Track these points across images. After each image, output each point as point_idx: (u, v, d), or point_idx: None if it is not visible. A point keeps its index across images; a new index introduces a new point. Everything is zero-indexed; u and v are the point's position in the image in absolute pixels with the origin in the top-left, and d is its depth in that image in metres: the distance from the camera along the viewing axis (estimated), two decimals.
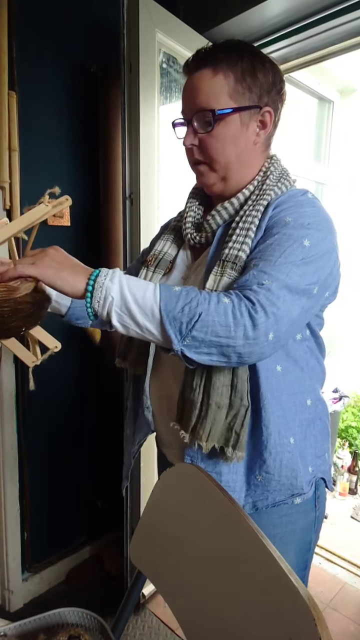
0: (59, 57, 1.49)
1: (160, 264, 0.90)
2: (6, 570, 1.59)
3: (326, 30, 1.49)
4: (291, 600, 0.56)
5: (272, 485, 0.80)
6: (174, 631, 1.54)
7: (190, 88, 0.79)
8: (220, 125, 0.77)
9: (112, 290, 0.64)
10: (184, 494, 0.79)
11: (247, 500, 0.81)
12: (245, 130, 0.79)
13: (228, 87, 0.76)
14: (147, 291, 0.66)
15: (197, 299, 0.65)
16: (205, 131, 0.78)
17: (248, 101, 0.78)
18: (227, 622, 0.67)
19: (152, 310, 0.65)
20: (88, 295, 0.65)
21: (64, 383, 1.67)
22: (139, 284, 0.67)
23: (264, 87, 0.79)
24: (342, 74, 2.61)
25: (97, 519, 1.86)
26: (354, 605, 1.70)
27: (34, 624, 0.84)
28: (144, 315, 0.65)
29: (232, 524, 0.68)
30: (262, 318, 0.65)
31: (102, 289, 0.65)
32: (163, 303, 0.65)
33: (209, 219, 0.84)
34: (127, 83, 1.35)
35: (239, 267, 0.74)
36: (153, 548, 0.85)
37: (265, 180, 0.81)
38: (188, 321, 0.64)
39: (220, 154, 0.79)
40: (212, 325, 0.64)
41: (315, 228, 0.73)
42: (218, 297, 0.66)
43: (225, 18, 1.55)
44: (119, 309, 0.65)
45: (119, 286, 0.65)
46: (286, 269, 0.68)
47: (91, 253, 1.67)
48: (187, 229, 0.88)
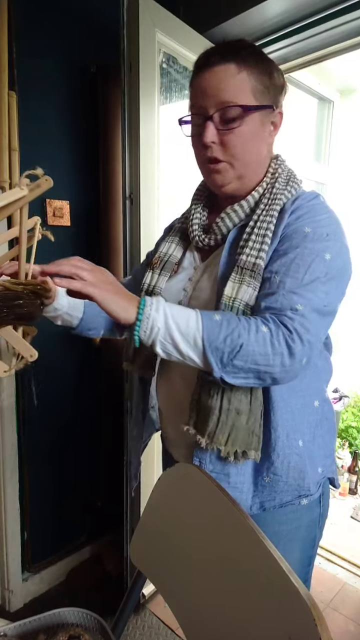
0: (59, 57, 1.49)
1: (166, 266, 0.90)
2: (6, 570, 1.59)
3: (326, 30, 1.49)
4: (291, 600, 0.56)
5: (279, 486, 0.81)
6: (174, 631, 1.54)
7: (212, 82, 0.75)
8: (245, 122, 0.76)
9: (158, 321, 0.67)
10: (184, 494, 0.79)
11: (255, 501, 0.82)
12: (262, 130, 0.79)
13: (251, 85, 0.75)
14: (189, 320, 0.68)
15: (238, 329, 0.67)
16: (228, 128, 0.76)
17: (267, 101, 0.78)
18: (227, 621, 0.67)
19: (194, 340, 0.67)
20: (137, 324, 0.67)
21: (64, 383, 1.67)
22: (181, 313, 0.69)
23: (277, 88, 0.80)
24: (342, 74, 2.61)
25: (97, 519, 1.86)
26: (354, 605, 1.70)
27: (34, 624, 0.84)
28: (186, 344, 0.68)
29: (232, 523, 0.68)
30: (299, 347, 0.68)
31: (148, 320, 0.67)
32: (206, 333, 0.67)
33: (219, 222, 0.83)
34: (127, 83, 1.35)
35: (257, 274, 0.74)
36: (153, 548, 0.85)
37: (275, 184, 0.81)
38: (230, 351, 0.67)
39: (242, 152, 0.78)
40: (252, 354, 0.67)
41: (334, 239, 0.75)
42: (257, 326, 0.68)
43: (225, 18, 1.55)
44: (164, 339, 0.68)
45: (163, 317, 0.67)
46: (313, 288, 0.70)
47: (91, 253, 1.67)
48: (194, 231, 0.88)
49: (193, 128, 0.81)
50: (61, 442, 1.70)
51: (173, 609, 0.78)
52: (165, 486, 0.83)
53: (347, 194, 2.81)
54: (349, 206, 2.79)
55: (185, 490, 0.78)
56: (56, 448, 1.69)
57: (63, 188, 1.56)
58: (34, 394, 1.50)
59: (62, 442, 1.70)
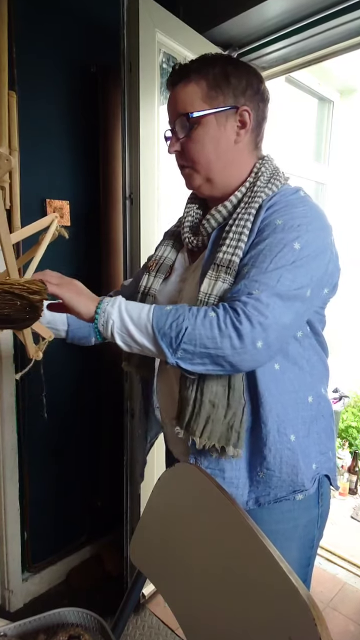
0: (59, 57, 1.49)
1: (161, 268, 0.94)
2: (6, 570, 1.59)
3: (326, 30, 1.49)
4: (291, 600, 0.56)
5: (273, 481, 0.82)
6: (174, 631, 1.54)
7: (171, 99, 0.85)
8: (197, 128, 0.81)
9: (112, 314, 0.74)
10: (184, 494, 0.79)
11: (250, 496, 0.83)
12: (224, 130, 0.82)
13: (201, 93, 0.81)
14: (142, 312, 0.74)
15: (184, 314, 0.71)
16: (184, 135, 0.82)
17: (223, 103, 0.81)
18: (227, 621, 0.67)
19: (146, 328, 0.73)
20: (96, 319, 0.75)
21: (64, 383, 1.67)
22: (136, 306, 0.75)
23: (238, 88, 0.82)
24: (342, 74, 2.61)
25: (97, 519, 1.86)
26: (354, 605, 1.70)
27: (34, 624, 0.84)
28: (140, 334, 0.73)
29: (231, 523, 0.68)
30: (247, 328, 0.69)
31: (104, 313, 0.74)
32: (155, 321, 0.72)
33: (204, 223, 0.86)
34: (127, 83, 1.35)
35: (232, 271, 0.77)
36: (153, 548, 0.85)
37: (256, 182, 0.83)
38: (176, 335, 0.70)
39: (200, 155, 0.83)
40: (199, 338, 0.70)
41: (306, 229, 0.74)
42: (205, 312, 0.71)
43: (225, 18, 1.55)
44: (119, 330, 0.74)
45: (117, 310, 0.74)
46: (277, 275, 0.71)
47: (91, 253, 1.67)
48: (184, 233, 0.92)
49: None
50: (61, 442, 1.70)
51: (173, 609, 0.78)
52: (165, 486, 0.84)
53: (347, 194, 2.81)
54: (349, 206, 2.79)
55: (185, 490, 0.78)
56: (56, 448, 1.69)
57: (63, 188, 1.56)
58: (44, 407, 1.50)
59: (62, 442, 1.70)
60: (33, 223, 0.83)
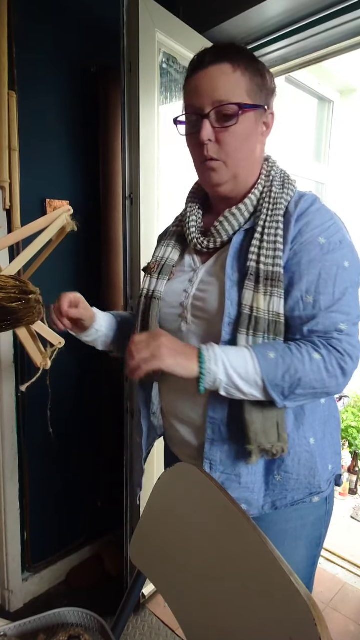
0: (59, 57, 1.49)
1: (164, 270, 0.91)
2: (6, 570, 1.58)
3: (326, 30, 1.49)
4: (291, 600, 0.56)
5: (290, 484, 0.82)
6: (174, 631, 1.54)
7: (208, 81, 0.76)
8: (239, 121, 0.77)
9: (218, 373, 0.72)
10: (184, 494, 0.79)
11: (267, 500, 0.82)
12: (256, 129, 0.80)
13: (245, 84, 0.77)
14: (247, 365, 0.72)
15: (294, 364, 0.72)
16: (223, 126, 0.77)
17: (260, 101, 0.79)
18: (227, 621, 0.67)
19: (255, 382, 0.73)
20: (202, 380, 0.73)
21: (64, 383, 1.67)
22: (238, 359, 0.73)
23: (269, 89, 0.81)
24: (342, 74, 2.61)
25: (97, 519, 1.86)
26: (354, 605, 1.70)
27: (34, 624, 0.84)
28: (248, 386, 0.73)
29: (232, 523, 0.68)
30: (351, 366, 0.74)
31: (210, 374, 0.72)
32: (265, 374, 0.72)
33: (217, 225, 0.84)
34: (127, 83, 1.35)
35: (279, 282, 0.76)
36: (153, 548, 0.85)
37: (272, 187, 0.82)
38: (289, 386, 0.73)
39: (237, 151, 0.79)
40: (309, 383, 0.73)
41: (346, 244, 0.78)
42: (310, 355, 0.73)
43: (225, 18, 1.55)
44: (227, 385, 0.73)
45: (223, 369, 0.72)
46: (347, 302, 0.75)
47: (91, 253, 1.67)
48: (192, 234, 0.88)
49: (188, 127, 0.82)
50: (61, 442, 1.70)
51: (173, 609, 0.78)
52: (165, 486, 0.83)
53: (347, 194, 2.81)
54: (349, 206, 2.79)
55: (185, 490, 0.78)
56: (56, 448, 1.69)
57: (63, 188, 1.56)
58: (49, 421, 1.50)
59: (62, 442, 1.70)
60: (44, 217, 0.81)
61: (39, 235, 0.84)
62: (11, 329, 0.76)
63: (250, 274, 0.77)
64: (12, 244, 0.82)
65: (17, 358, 1.51)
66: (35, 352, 0.80)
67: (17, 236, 0.75)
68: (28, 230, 0.77)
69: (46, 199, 1.50)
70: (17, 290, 0.73)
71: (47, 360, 0.81)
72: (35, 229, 0.80)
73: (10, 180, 1.37)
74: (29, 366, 1.51)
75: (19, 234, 0.75)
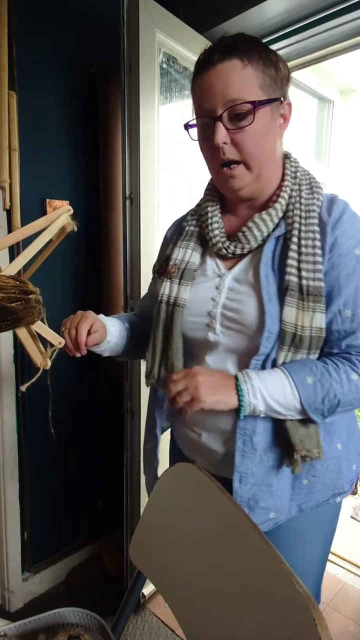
0: (59, 57, 1.49)
1: (185, 274, 0.85)
2: (6, 570, 1.58)
3: (326, 30, 1.49)
4: (291, 600, 0.56)
5: (316, 487, 0.81)
6: (174, 631, 1.54)
7: (217, 80, 0.72)
8: (255, 119, 0.72)
9: (258, 406, 0.73)
10: (184, 493, 0.79)
11: (292, 505, 0.81)
12: (274, 124, 0.76)
13: (257, 79, 0.72)
14: (286, 393, 0.73)
15: (332, 388, 0.73)
16: (238, 127, 0.72)
17: (274, 93, 0.74)
18: (227, 621, 0.67)
19: (295, 407, 0.73)
20: (242, 412, 0.73)
21: (64, 383, 1.67)
22: (277, 388, 0.73)
23: (283, 79, 0.76)
24: (342, 74, 2.61)
25: (97, 519, 1.86)
26: (354, 605, 1.70)
27: (34, 624, 0.84)
28: (288, 411, 0.74)
29: (231, 523, 0.68)
30: None
31: (250, 406, 0.73)
32: (304, 400, 0.73)
33: (246, 231, 0.79)
34: (127, 83, 1.35)
35: (321, 297, 0.74)
36: (153, 548, 0.85)
37: (301, 193, 0.79)
38: (329, 408, 0.74)
39: (257, 150, 0.75)
40: (348, 402, 0.75)
41: None
42: (347, 375, 0.74)
43: (225, 18, 1.55)
44: (266, 413, 0.74)
45: (262, 399, 0.72)
46: None
47: (91, 253, 1.67)
48: (216, 237, 0.83)
49: (200, 131, 0.78)
50: (61, 442, 1.70)
51: (173, 609, 0.78)
52: (165, 486, 0.83)
53: (347, 194, 2.81)
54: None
55: (185, 490, 0.78)
56: (56, 448, 1.69)
57: (63, 188, 1.56)
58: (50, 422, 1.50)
59: (62, 442, 1.70)
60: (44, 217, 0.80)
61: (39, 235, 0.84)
62: (11, 329, 0.76)
63: (292, 289, 0.73)
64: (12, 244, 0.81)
65: (17, 358, 1.51)
66: (35, 352, 0.80)
67: (17, 236, 0.75)
68: (28, 230, 0.77)
69: (46, 199, 1.50)
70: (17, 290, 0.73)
71: (47, 360, 0.80)
72: (35, 229, 0.80)
73: (10, 180, 1.37)
74: (29, 366, 1.51)
75: (19, 234, 0.75)
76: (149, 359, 0.89)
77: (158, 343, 0.87)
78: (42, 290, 1.04)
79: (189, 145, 0.84)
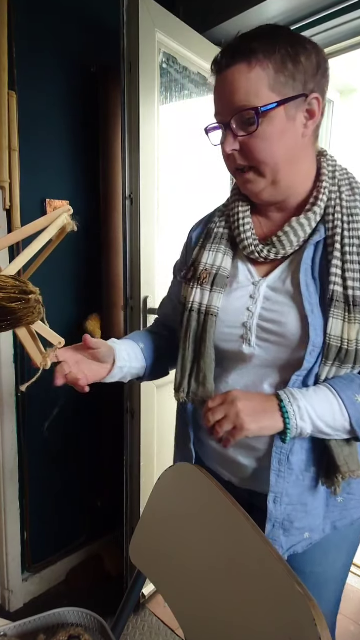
0: (59, 57, 1.49)
1: (217, 281, 0.80)
2: (6, 570, 1.59)
3: (326, 30, 1.49)
4: (291, 600, 0.56)
5: (351, 504, 0.79)
6: (174, 631, 1.54)
7: (225, 87, 0.70)
8: (264, 124, 0.68)
9: (306, 429, 0.68)
10: (184, 494, 0.79)
11: (326, 523, 0.79)
12: (293, 123, 0.71)
13: (268, 79, 0.67)
14: (335, 415, 0.68)
15: None
16: (247, 133, 0.70)
17: (292, 91, 0.69)
18: (227, 621, 0.67)
19: (344, 428, 0.69)
20: (288, 435, 0.68)
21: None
22: (325, 410, 0.68)
23: (308, 72, 0.69)
24: (342, 74, 2.61)
25: (97, 519, 1.86)
26: (354, 605, 1.70)
27: (34, 624, 0.84)
28: (335, 432, 0.70)
29: (231, 523, 0.68)
30: None
31: (297, 429, 0.68)
32: (354, 420, 0.69)
33: (281, 236, 0.75)
34: (127, 83, 1.35)
35: None
36: (153, 548, 0.85)
37: (341, 195, 0.74)
38: None
39: (268, 156, 0.71)
40: None
41: None
42: None
43: (225, 18, 1.55)
44: (312, 433, 0.70)
45: (310, 422, 0.68)
46: None
47: (91, 253, 1.67)
48: (248, 239, 0.78)
49: (219, 137, 0.75)
50: (61, 442, 1.70)
51: (173, 609, 0.78)
52: (165, 486, 0.83)
53: None
54: None
55: (185, 490, 0.78)
56: (56, 448, 1.69)
57: (63, 188, 1.56)
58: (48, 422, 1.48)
59: (62, 442, 1.70)
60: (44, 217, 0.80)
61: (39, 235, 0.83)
62: (11, 329, 0.76)
63: (337, 300, 0.68)
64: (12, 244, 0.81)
65: (17, 358, 1.51)
66: (36, 352, 0.79)
67: (17, 236, 0.75)
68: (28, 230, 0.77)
69: (46, 199, 1.50)
70: (17, 290, 0.73)
71: (47, 360, 0.80)
72: (35, 229, 0.80)
73: (10, 180, 1.37)
74: (29, 366, 1.51)
75: (19, 234, 0.75)
76: (179, 370, 0.83)
77: (188, 354, 0.82)
78: (42, 290, 1.03)
79: (189, 145, 0.84)
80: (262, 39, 0.68)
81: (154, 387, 1.54)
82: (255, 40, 0.68)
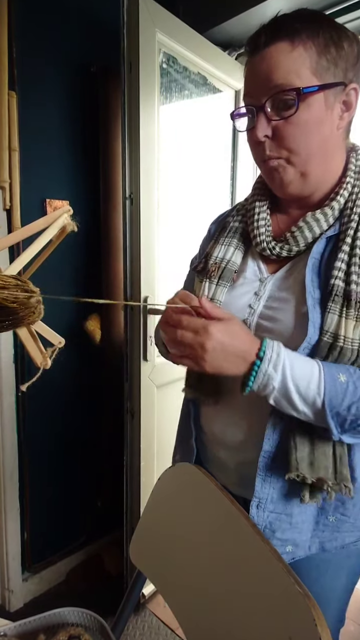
0: (59, 57, 1.49)
1: (224, 274, 0.77)
2: (6, 570, 1.59)
3: None
4: (291, 600, 0.56)
5: (345, 527, 0.74)
6: (174, 631, 1.54)
7: (262, 65, 0.64)
8: (301, 109, 0.63)
9: (274, 379, 0.62)
10: (184, 494, 0.79)
11: (314, 541, 0.74)
12: (330, 113, 0.66)
13: (310, 61, 0.63)
14: (311, 382, 0.62)
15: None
16: (281, 117, 0.64)
17: (333, 77, 0.64)
18: (227, 621, 0.67)
19: (314, 403, 0.62)
20: (252, 377, 0.62)
21: (64, 382, 1.67)
22: (303, 371, 0.62)
23: (350, 60, 0.65)
24: None
25: (97, 519, 1.86)
26: (354, 605, 1.70)
27: (34, 624, 0.84)
28: (304, 404, 0.63)
29: (231, 523, 0.68)
30: None
31: (264, 376, 0.62)
32: (327, 398, 0.61)
33: (295, 232, 0.71)
34: (127, 83, 1.35)
35: None
36: (153, 548, 0.85)
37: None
38: (352, 421, 0.62)
39: (301, 145, 0.66)
40: None
41: None
42: None
43: (225, 18, 1.55)
44: (279, 396, 0.63)
45: (281, 376, 0.62)
46: None
47: (91, 253, 1.67)
48: (261, 235, 0.75)
49: (247, 122, 0.71)
50: (61, 442, 1.70)
51: (173, 609, 0.78)
52: (165, 486, 0.83)
53: None
54: None
55: (185, 490, 0.78)
56: (56, 448, 1.69)
57: (63, 188, 1.56)
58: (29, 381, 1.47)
59: (62, 442, 1.70)
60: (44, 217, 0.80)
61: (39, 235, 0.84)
62: (12, 329, 0.76)
63: (336, 295, 0.64)
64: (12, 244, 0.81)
65: (17, 358, 1.51)
66: (36, 352, 0.80)
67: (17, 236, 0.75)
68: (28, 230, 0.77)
69: (46, 199, 1.50)
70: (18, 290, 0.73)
71: (48, 360, 0.80)
72: (36, 229, 0.80)
73: (10, 180, 1.37)
74: (29, 366, 1.51)
75: (19, 234, 0.75)
76: (189, 373, 0.81)
77: None
78: (42, 290, 1.04)
79: (189, 145, 0.83)
80: (305, 20, 0.65)
81: (154, 387, 1.54)
82: (297, 21, 0.64)
